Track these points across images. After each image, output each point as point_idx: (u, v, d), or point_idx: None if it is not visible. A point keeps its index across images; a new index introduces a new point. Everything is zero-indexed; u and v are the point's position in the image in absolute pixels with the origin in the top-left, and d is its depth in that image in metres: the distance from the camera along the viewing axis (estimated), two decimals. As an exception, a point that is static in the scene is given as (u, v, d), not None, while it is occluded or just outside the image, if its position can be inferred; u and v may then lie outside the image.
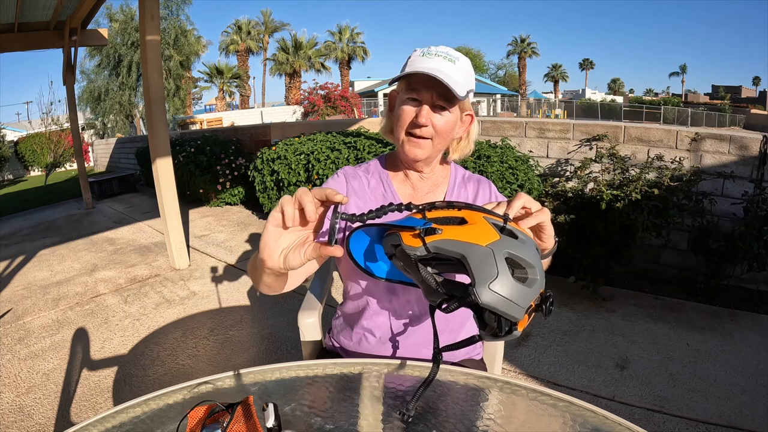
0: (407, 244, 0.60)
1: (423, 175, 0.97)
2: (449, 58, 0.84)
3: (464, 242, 0.57)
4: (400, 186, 0.99)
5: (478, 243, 0.56)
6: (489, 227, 0.59)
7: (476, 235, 0.57)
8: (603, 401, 1.84)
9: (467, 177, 1.03)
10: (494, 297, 0.54)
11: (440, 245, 0.58)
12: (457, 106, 0.88)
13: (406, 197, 0.98)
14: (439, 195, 0.99)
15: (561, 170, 3.49)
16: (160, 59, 3.36)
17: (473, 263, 0.55)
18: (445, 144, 0.92)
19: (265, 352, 2.34)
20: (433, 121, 0.86)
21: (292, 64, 26.27)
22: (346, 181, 0.98)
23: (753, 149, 2.84)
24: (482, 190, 1.01)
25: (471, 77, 0.88)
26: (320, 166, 3.73)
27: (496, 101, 27.84)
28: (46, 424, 1.84)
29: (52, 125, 13.71)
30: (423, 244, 0.58)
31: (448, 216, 0.62)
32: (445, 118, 0.87)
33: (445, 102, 0.85)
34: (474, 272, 0.55)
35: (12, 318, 2.90)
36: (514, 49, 39.44)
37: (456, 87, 0.81)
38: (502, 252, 0.56)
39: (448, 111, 0.87)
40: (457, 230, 0.58)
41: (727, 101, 36.55)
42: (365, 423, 0.72)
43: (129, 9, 17.13)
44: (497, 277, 0.54)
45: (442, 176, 1.01)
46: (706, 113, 25.78)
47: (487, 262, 0.55)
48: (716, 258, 2.67)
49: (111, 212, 6.14)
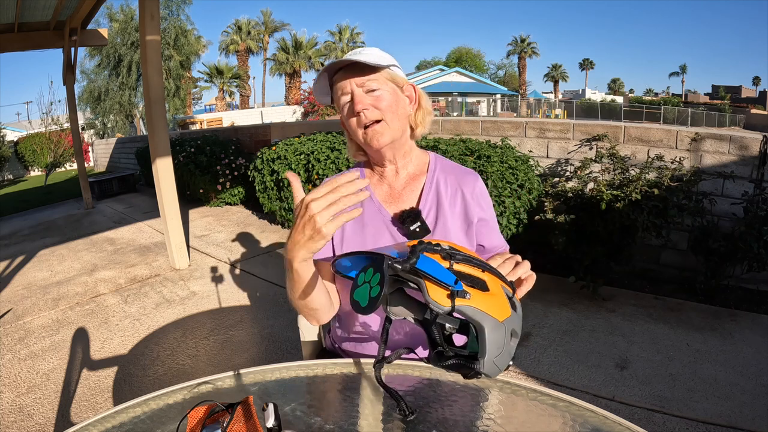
0: (433, 299, 0.59)
1: (398, 167, 0.98)
2: (356, 52, 0.89)
3: (485, 313, 0.61)
4: (376, 187, 1.00)
5: (495, 317, 0.62)
6: (505, 300, 0.64)
7: (495, 307, 0.62)
8: (603, 401, 1.84)
9: (448, 169, 1.01)
10: (493, 368, 0.63)
11: (464, 310, 0.60)
12: (386, 80, 0.90)
13: (383, 196, 0.98)
14: (417, 189, 0.98)
15: (561, 170, 3.49)
16: (160, 59, 3.36)
17: (488, 336, 0.61)
18: (401, 120, 0.92)
19: (265, 352, 2.34)
20: (372, 102, 0.88)
21: (292, 64, 26.27)
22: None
23: (753, 149, 2.84)
24: (466, 182, 0.99)
25: (383, 55, 0.91)
26: (320, 166, 3.73)
27: (496, 101, 27.82)
28: (46, 424, 1.84)
29: (52, 125, 13.70)
30: (452, 305, 0.59)
31: (473, 276, 0.64)
32: (381, 96, 0.89)
33: (368, 80, 0.88)
34: (486, 344, 0.61)
35: (12, 318, 2.90)
36: (514, 49, 39.44)
37: (363, 58, 0.85)
38: (510, 328, 0.63)
39: (379, 89, 0.88)
40: (481, 298, 0.62)
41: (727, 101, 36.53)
42: (365, 423, 0.72)
43: (129, 9, 17.14)
44: (501, 353, 0.62)
45: (418, 169, 1.00)
46: (706, 113, 25.76)
47: (499, 337, 0.62)
48: (716, 258, 2.67)
49: (111, 212, 6.14)
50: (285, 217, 4.27)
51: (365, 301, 0.59)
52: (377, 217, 0.96)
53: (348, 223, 0.96)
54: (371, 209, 0.97)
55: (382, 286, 0.58)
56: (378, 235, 0.94)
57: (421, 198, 0.97)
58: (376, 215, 0.96)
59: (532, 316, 2.54)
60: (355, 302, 0.61)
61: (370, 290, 0.59)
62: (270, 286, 3.16)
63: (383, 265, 0.59)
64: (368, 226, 0.95)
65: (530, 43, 38.38)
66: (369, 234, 0.94)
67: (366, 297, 0.60)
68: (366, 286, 0.61)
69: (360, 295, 0.61)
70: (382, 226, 0.95)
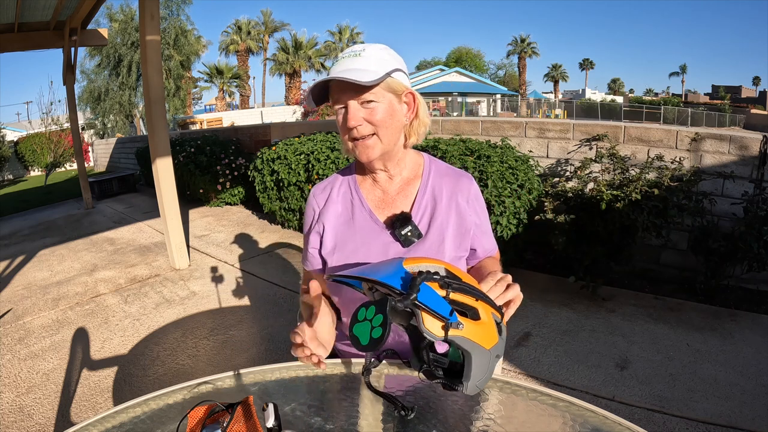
0: (428, 330, 0.61)
1: (391, 173, 0.96)
2: (354, 54, 0.85)
3: (474, 342, 0.64)
4: (368, 191, 0.98)
5: (483, 345, 0.65)
6: (493, 328, 0.67)
7: (484, 336, 0.65)
8: (603, 401, 1.84)
9: (443, 172, 0.99)
10: (474, 390, 0.67)
11: (456, 340, 0.62)
12: (383, 92, 0.86)
13: (375, 201, 0.97)
14: (410, 195, 0.96)
15: (561, 170, 3.49)
16: (160, 59, 3.36)
17: (474, 363, 0.65)
18: (394, 133, 0.90)
19: (265, 352, 2.34)
20: (365, 117, 0.86)
21: (292, 64, 26.27)
22: (315, 204, 1.00)
23: (753, 149, 2.84)
24: (457, 191, 0.97)
25: (388, 58, 0.87)
26: (320, 166, 3.73)
27: (496, 101, 27.82)
28: (46, 424, 1.84)
29: (52, 125, 13.70)
30: (445, 336, 0.61)
31: (467, 305, 0.66)
32: (376, 110, 0.86)
33: (364, 93, 0.85)
34: (472, 370, 0.65)
35: (12, 318, 2.90)
36: (514, 49, 39.42)
37: (360, 75, 0.81)
38: (495, 354, 0.67)
39: (375, 101, 0.86)
40: (472, 327, 0.64)
41: (727, 101, 36.50)
42: (365, 423, 0.72)
43: (129, 9, 17.14)
44: (485, 377, 0.66)
45: (412, 173, 0.98)
46: (706, 113, 25.75)
47: (484, 364, 0.66)
48: (716, 258, 2.67)
49: (111, 212, 6.14)
50: (285, 217, 4.27)
51: (366, 339, 0.60)
52: (368, 223, 0.95)
53: (339, 229, 0.96)
54: (362, 215, 0.96)
55: (384, 329, 0.59)
56: (370, 241, 0.93)
57: (414, 203, 0.95)
58: (367, 221, 0.95)
59: (532, 316, 2.55)
60: (354, 338, 0.62)
61: (372, 330, 0.60)
62: (270, 286, 3.16)
63: (386, 308, 0.60)
64: (359, 232, 0.94)
65: (530, 43, 38.38)
66: (360, 241, 0.94)
67: (367, 336, 0.61)
68: (367, 324, 0.61)
69: (360, 331, 0.62)
70: (374, 232, 0.94)
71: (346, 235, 0.95)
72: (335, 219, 0.97)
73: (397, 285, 0.62)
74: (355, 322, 0.63)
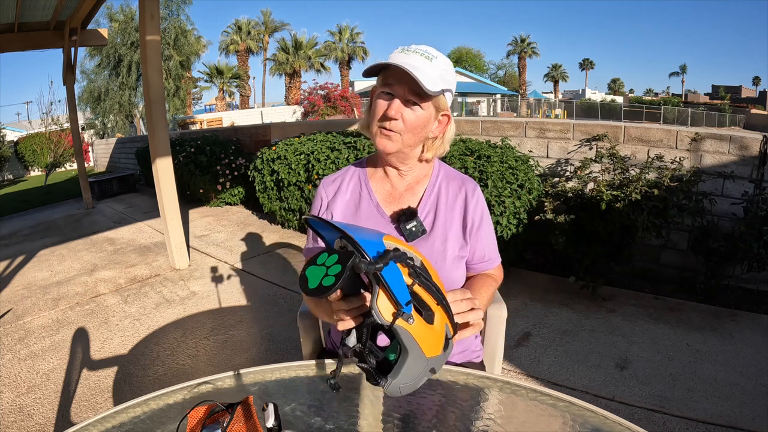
0: (378, 309, 0.59)
1: (401, 171, 0.98)
2: (427, 56, 0.85)
3: (416, 343, 0.62)
4: (378, 184, 1.00)
5: (424, 351, 0.62)
6: (441, 339, 0.65)
7: (429, 342, 0.63)
8: (603, 401, 1.84)
9: (451, 176, 1.02)
10: (395, 392, 0.64)
11: (400, 332, 0.60)
12: (431, 104, 0.88)
13: (384, 195, 0.99)
14: (418, 193, 0.99)
15: (561, 170, 3.49)
16: (160, 59, 3.36)
17: (408, 364, 0.62)
18: (417, 140, 0.92)
19: (265, 352, 2.34)
20: (404, 115, 0.87)
21: (292, 64, 26.26)
22: (324, 194, 1.02)
23: (753, 149, 2.84)
24: (464, 193, 0.99)
25: (449, 77, 0.89)
26: (320, 166, 3.73)
27: (496, 101, 27.83)
28: (46, 424, 1.84)
29: (52, 125, 13.71)
30: (391, 323, 0.59)
31: (426, 304, 0.64)
32: (416, 114, 0.87)
33: (417, 97, 0.86)
34: (402, 370, 0.62)
35: (12, 318, 2.90)
36: (514, 49, 39.42)
37: (427, 81, 0.82)
38: (431, 366, 0.65)
39: (420, 107, 0.87)
40: (421, 329, 0.62)
41: (727, 101, 36.51)
42: (365, 423, 0.72)
43: (129, 9, 17.14)
44: (411, 384, 0.64)
45: (422, 173, 1.01)
46: (706, 113, 25.76)
47: (417, 370, 0.63)
48: (716, 258, 2.67)
49: (111, 212, 6.14)
50: (285, 217, 4.27)
51: (315, 283, 0.58)
52: (374, 216, 0.97)
53: (346, 219, 0.98)
54: (369, 207, 0.98)
55: (337, 280, 0.56)
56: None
57: (421, 200, 0.98)
58: (373, 213, 0.98)
59: (532, 316, 2.55)
60: (304, 278, 0.60)
61: (324, 277, 0.58)
62: (270, 286, 3.16)
63: (348, 262, 0.57)
64: (365, 224, 0.96)
65: (530, 43, 38.37)
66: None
67: (317, 281, 0.58)
68: (322, 269, 0.59)
69: (313, 273, 0.59)
70: (379, 225, 0.96)
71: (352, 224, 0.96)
72: (343, 209, 1.00)
73: (371, 252, 0.60)
74: (312, 263, 0.60)
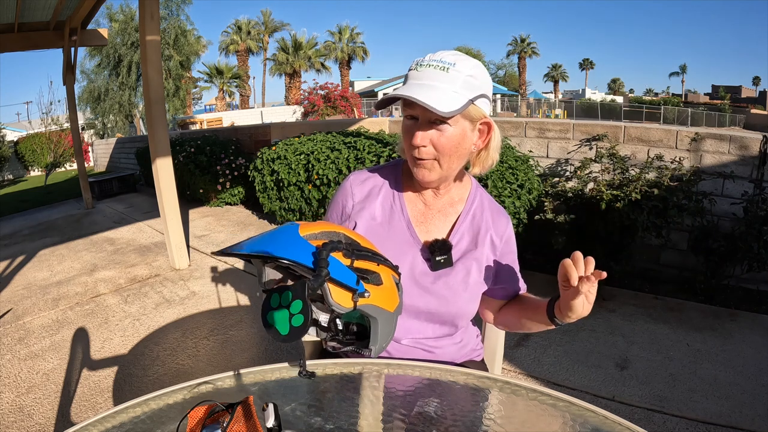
0: (336, 302, 0.59)
1: (438, 192, 0.93)
2: (442, 67, 0.77)
3: (379, 308, 0.65)
4: (411, 200, 0.94)
5: (387, 309, 0.66)
6: (395, 290, 0.69)
7: (387, 299, 0.67)
8: (603, 401, 1.84)
9: (486, 205, 0.96)
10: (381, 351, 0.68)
11: (364, 308, 0.63)
12: (459, 117, 0.79)
13: (416, 213, 0.94)
14: (451, 216, 0.94)
15: (561, 170, 3.49)
16: (160, 59, 3.36)
17: (381, 327, 0.66)
18: (457, 161, 0.84)
19: (265, 352, 2.34)
20: (432, 140, 0.80)
21: (292, 64, 26.27)
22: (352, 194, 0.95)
23: (753, 149, 2.84)
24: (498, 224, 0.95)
25: (477, 81, 0.79)
26: (320, 166, 3.73)
27: (496, 101, 27.82)
28: (46, 424, 1.84)
29: (52, 125, 13.72)
30: (354, 307, 0.61)
31: (370, 270, 0.66)
32: (446, 134, 0.80)
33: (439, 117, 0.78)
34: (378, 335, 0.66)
35: (12, 318, 2.90)
36: (514, 49, 39.43)
37: (442, 101, 0.75)
38: (398, 314, 0.69)
39: (448, 124, 0.79)
40: (378, 293, 0.65)
41: (727, 101, 36.48)
42: (365, 423, 0.72)
43: (129, 9, 17.16)
44: (389, 338, 0.68)
45: (458, 195, 0.95)
46: (706, 113, 25.73)
47: (390, 326, 0.68)
48: (716, 258, 2.67)
49: (111, 212, 6.14)
50: (285, 217, 4.27)
51: (285, 329, 0.57)
52: (404, 235, 0.92)
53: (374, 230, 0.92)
54: (400, 224, 0.93)
55: (306, 316, 0.55)
56: (401, 253, 0.91)
57: (454, 228, 0.93)
58: (404, 232, 0.93)
59: (532, 316, 2.54)
60: (271, 328, 0.57)
61: (291, 318, 0.56)
62: (270, 286, 3.16)
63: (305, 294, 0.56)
64: (394, 241, 0.92)
65: (530, 43, 38.38)
66: (393, 250, 0.89)
67: (286, 325, 0.56)
68: (284, 312, 0.57)
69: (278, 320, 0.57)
70: (407, 244, 0.92)
71: (380, 239, 0.90)
72: (370, 219, 0.93)
73: (308, 261, 0.58)
74: (269, 309, 0.58)
